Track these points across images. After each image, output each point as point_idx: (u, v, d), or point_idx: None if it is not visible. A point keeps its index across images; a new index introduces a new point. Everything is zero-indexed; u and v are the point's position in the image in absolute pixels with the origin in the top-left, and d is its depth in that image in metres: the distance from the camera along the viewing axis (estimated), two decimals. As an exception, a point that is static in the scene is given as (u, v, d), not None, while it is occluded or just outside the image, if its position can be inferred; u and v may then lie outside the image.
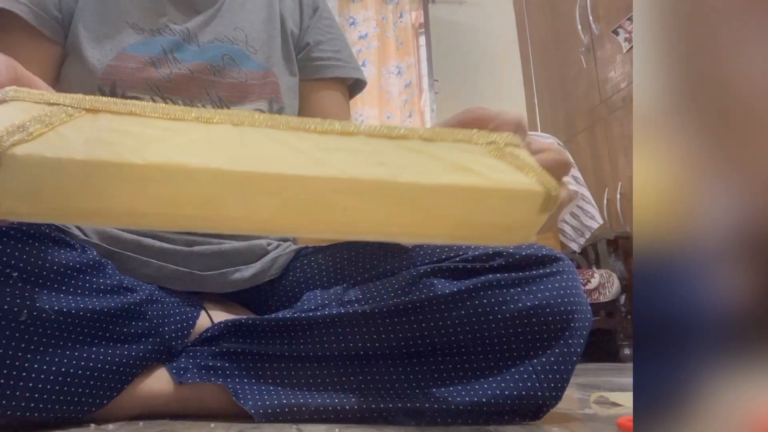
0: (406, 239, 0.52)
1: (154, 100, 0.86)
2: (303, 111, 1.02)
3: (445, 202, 0.48)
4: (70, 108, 0.44)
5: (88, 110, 0.45)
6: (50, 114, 0.43)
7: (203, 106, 0.89)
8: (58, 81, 0.91)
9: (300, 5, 1.06)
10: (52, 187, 0.42)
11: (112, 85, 0.85)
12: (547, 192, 0.49)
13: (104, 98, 0.47)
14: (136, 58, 0.88)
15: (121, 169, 0.42)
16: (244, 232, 0.50)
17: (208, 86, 0.91)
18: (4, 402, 0.61)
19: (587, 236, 1.90)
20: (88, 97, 0.46)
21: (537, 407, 0.70)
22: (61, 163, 0.41)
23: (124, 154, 0.42)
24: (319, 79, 1.03)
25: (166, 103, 0.87)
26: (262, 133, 0.47)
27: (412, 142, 0.50)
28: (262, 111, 0.93)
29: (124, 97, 0.85)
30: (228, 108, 0.91)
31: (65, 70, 0.89)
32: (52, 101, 0.45)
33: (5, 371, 0.61)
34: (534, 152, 0.55)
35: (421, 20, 4.53)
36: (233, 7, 0.99)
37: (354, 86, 1.09)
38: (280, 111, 0.95)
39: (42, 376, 0.63)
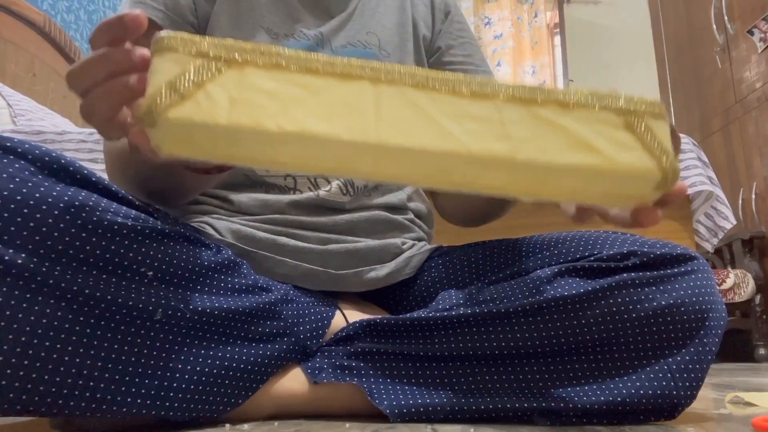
0: (522, 198, 0.53)
1: None
2: None
3: (561, 178, 0.50)
4: (218, 62, 0.46)
5: (235, 62, 0.47)
6: (200, 69, 0.46)
7: None
8: None
9: (432, 9, 1.04)
10: (203, 139, 0.46)
11: None
12: (665, 175, 0.49)
13: (250, 47, 0.48)
14: None
15: (260, 133, 0.46)
16: (373, 180, 0.52)
17: None
18: (139, 401, 0.60)
19: (720, 236, 1.99)
20: (236, 46, 0.47)
21: (672, 406, 0.69)
22: (208, 125, 0.45)
23: (263, 119, 0.45)
24: None
25: None
26: (397, 93, 0.48)
27: (546, 110, 0.50)
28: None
29: None
30: None
31: None
32: (203, 51, 0.46)
33: (140, 371, 0.60)
34: None
35: (556, 20, 4.50)
36: (366, 12, 0.98)
37: None
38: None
39: (177, 376, 0.63)
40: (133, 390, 0.60)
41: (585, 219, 0.55)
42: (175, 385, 0.63)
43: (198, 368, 0.65)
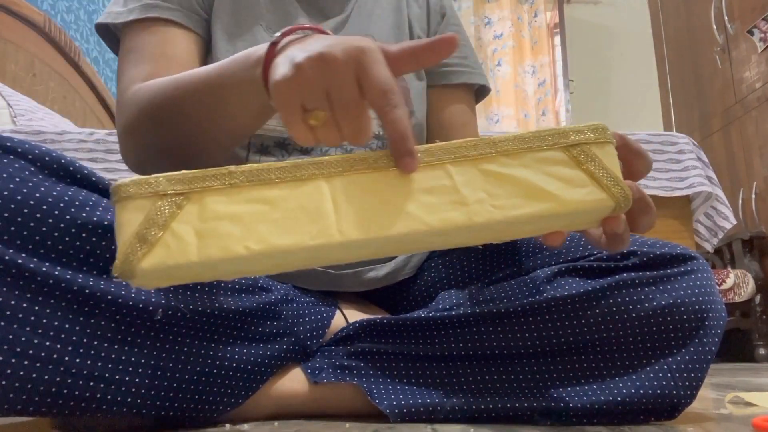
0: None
1: None
2: (430, 116, 1.00)
3: (520, 226, 0.52)
4: (177, 198, 0.48)
5: (193, 194, 0.48)
6: (161, 210, 0.47)
7: None
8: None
9: (428, 11, 1.04)
10: (182, 273, 0.49)
11: None
12: (617, 203, 0.51)
13: (202, 174, 0.49)
14: None
15: (232, 260, 0.47)
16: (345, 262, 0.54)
17: None
18: (139, 401, 0.61)
19: (720, 236, 1.99)
20: (189, 177, 0.48)
21: (672, 406, 0.69)
22: (181, 266, 0.47)
23: (231, 246, 0.47)
24: (445, 85, 1.01)
25: None
26: (350, 184, 0.50)
27: (493, 164, 0.51)
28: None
29: None
30: None
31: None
32: (160, 191, 0.48)
33: (140, 370, 0.60)
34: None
35: (556, 20, 4.49)
36: (362, 14, 0.98)
37: (478, 92, 1.06)
38: (409, 115, 0.91)
39: (177, 375, 0.63)
40: (133, 390, 0.60)
41: (556, 242, 0.55)
42: (175, 384, 0.63)
43: (198, 368, 0.65)
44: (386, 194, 0.50)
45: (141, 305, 0.60)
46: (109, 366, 0.59)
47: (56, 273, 0.56)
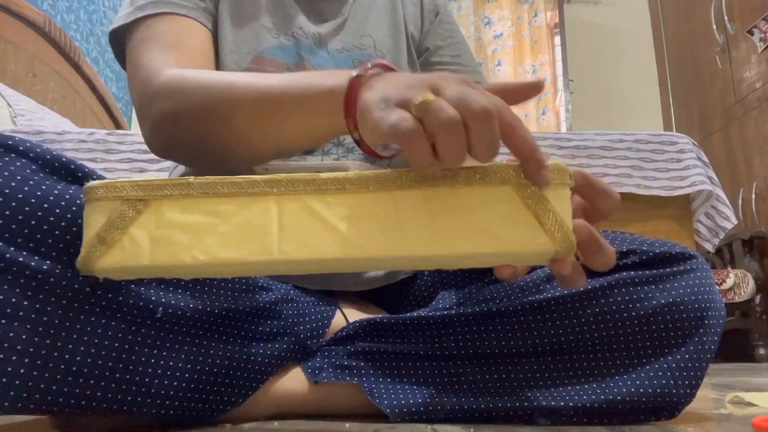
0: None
1: None
2: None
3: (461, 261, 0.52)
4: (138, 203, 0.52)
5: (152, 201, 0.52)
6: (122, 215, 0.52)
7: None
8: None
9: (421, 10, 1.04)
10: (136, 273, 0.53)
11: None
12: (558, 251, 0.50)
13: (161, 182, 0.52)
14: (274, 63, 0.88)
15: (180, 266, 0.52)
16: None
17: None
18: (139, 400, 0.61)
19: (721, 236, 1.99)
20: (151, 184, 0.52)
21: (672, 405, 0.69)
22: (134, 267, 0.52)
23: (180, 254, 0.51)
24: None
25: None
26: (298, 206, 0.52)
27: (442, 193, 0.50)
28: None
29: None
30: None
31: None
32: (123, 195, 0.52)
33: (140, 369, 0.61)
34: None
35: (556, 20, 4.50)
36: (359, 16, 0.98)
37: None
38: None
39: (177, 374, 0.63)
40: (133, 389, 0.60)
41: (504, 274, 0.54)
42: (175, 384, 0.63)
43: (198, 367, 0.65)
44: (329, 218, 0.52)
45: (141, 304, 0.60)
46: (109, 365, 0.58)
47: (57, 272, 0.56)
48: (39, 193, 0.56)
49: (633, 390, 0.69)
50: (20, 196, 0.55)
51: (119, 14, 0.85)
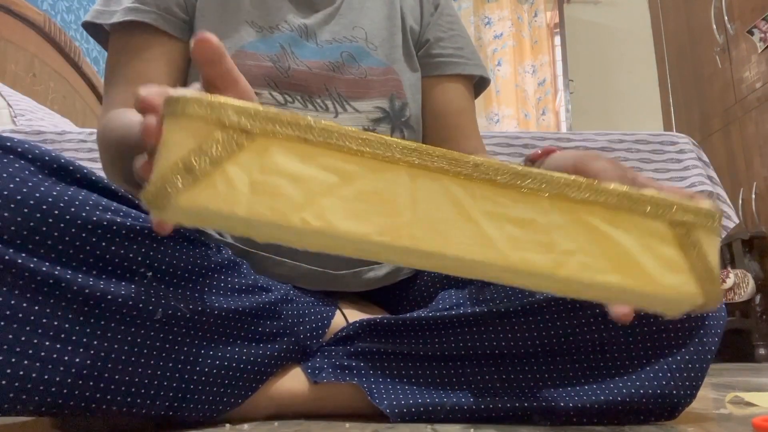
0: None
1: (272, 96, 0.86)
2: (425, 107, 0.99)
3: (598, 292, 0.47)
4: (240, 134, 0.41)
5: (259, 135, 0.41)
6: (218, 143, 0.40)
7: (322, 102, 0.88)
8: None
9: (420, 2, 1.03)
10: (219, 222, 0.42)
11: None
12: (706, 303, 0.46)
13: (275, 115, 0.42)
14: (255, 56, 0.87)
15: (283, 227, 0.41)
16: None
17: (327, 82, 0.89)
18: (139, 401, 0.60)
19: (722, 236, 1.99)
20: (261, 113, 0.41)
21: (672, 406, 0.69)
22: (224, 214, 0.40)
23: (287, 212, 0.41)
24: (440, 76, 1.00)
25: (284, 99, 0.87)
26: (435, 186, 0.44)
27: (594, 216, 0.45)
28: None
29: None
30: (348, 104, 0.89)
31: (190, 72, 0.89)
32: (223, 119, 0.40)
33: (140, 370, 0.60)
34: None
35: (556, 20, 4.50)
36: (353, 6, 0.97)
37: (478, 84, 1.05)
38: (402, 107, 0.92)
39: (177, 376, 0.63)
40: (133, 390, 0.60)
41: (626, 318, 0.53)
42: (174, 384, 0.63)
43: (198, 368, 0.65)
44: (471, 211, 0.44)
45: (141, 305, 0.60)
46: (109, 366, 0.58)
47: (56, 273, 0.56)
48: (38, 195, 0.56)
49: (633, 390, 0.68)
50: (19, 197, 0.55)
51: (94, 6, 0.90)
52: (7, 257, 0.53)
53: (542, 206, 0.45)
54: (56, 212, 0.56)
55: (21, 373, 0.53)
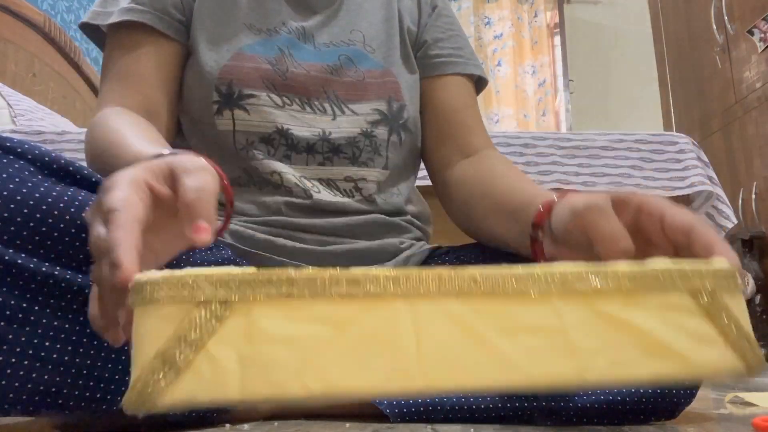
0: None
1: (271, 98, 0.86)
2: (427, 107, 0.99)
3: (635, 384, 0.45)
4: (217, 305, 0.37)
5: (239, 302, 0.38)
6: (196, 324, 0.37)
7: (320, 104, 0.89)
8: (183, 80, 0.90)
9: (418, 3, 1.03)
10: (207, 405, 0.38)
11: (229, 84, 0.85)
12: (750, 369, 0.43)
13: (252, 276, 0.38)
14: (254, 59, 0.87)
15: (283, 399, 0.38)
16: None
17: (325, 85, 0.90)
18: None
19: (722, 236, 1.98)
20: (237, 278, 0.38)
21: (672, 406, 0.69)
22: (216, 400, 0.37)
23: (284, 383, 0.37)
24: (439, 76, 0.99)
25: (283, 101, 0.87)
26: (436, 311, 0.40)
27: (609, 304, 0.42)
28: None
29: (241, 95, 0.85)
30: (346, 107, 0.90)
31: (186, 74, 0.90)
32: (197, 296, 0.37)
33: None
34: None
35: (556, 20, 4.52)
36: (351, 9, 0.97)
37: (476, 86, 1.04)
38: (400, 109, 0.93)
39: None
40: None
41: None
42: None
43: None
44: (480, 329, 0.40)
45: None
46: (109, 366, 0.58)
47: (56, 273, 0.56)
48: (38, 195, 0.56)
49: (633, 391, 0.68)
50: (19, 197, 0.55)
51: (92, 8, 0.91)
52: (6, 257, 0.53)
53: (553, 307, 0.42)
54: (56, 212, 0.56)
55: (21, 373, 0.53)
